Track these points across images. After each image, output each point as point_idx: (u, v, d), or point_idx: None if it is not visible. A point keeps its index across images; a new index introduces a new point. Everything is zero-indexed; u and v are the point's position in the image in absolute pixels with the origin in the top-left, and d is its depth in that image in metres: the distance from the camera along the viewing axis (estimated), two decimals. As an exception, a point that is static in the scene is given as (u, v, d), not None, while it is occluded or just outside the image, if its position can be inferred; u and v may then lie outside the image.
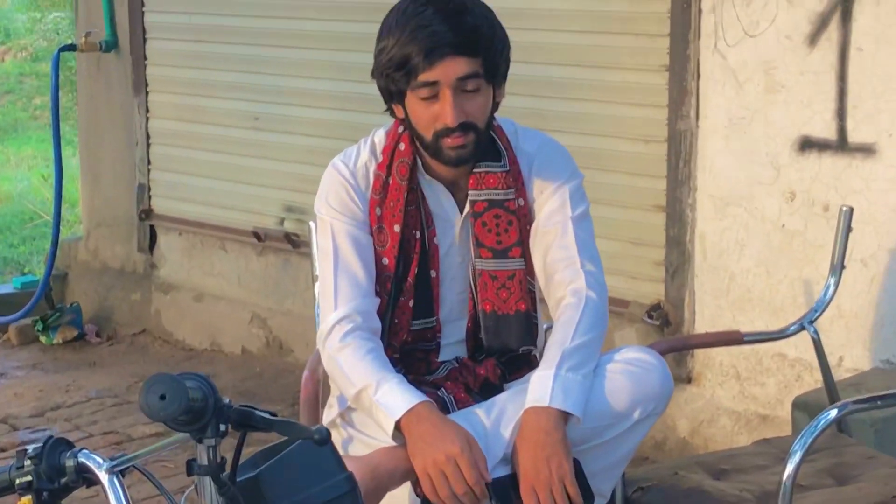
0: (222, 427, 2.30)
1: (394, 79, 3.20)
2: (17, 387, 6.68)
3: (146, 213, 7.31)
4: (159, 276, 7.38)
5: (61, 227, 7.59)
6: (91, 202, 7.74)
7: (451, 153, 3.23)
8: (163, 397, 2.22)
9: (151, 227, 7.34)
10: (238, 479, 2.36)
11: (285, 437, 2.42)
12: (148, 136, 7.24)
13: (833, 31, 4.68)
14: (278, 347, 6.78)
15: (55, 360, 7.14)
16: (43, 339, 7.40)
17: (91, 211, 7.74)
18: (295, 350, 6.67)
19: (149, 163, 7.27)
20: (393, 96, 3.27)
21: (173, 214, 7.20)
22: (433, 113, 3.19)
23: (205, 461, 2.33)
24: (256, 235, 6.74)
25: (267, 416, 2.31)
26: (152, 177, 7.28)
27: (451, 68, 3.14)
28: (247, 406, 2.33)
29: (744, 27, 4.88)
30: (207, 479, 2.34)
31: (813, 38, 4.73)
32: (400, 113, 3.29)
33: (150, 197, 7.30)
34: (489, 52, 3.20)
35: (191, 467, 2.35)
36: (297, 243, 6.54)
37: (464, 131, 3.20)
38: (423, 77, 3.15)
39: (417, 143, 3.30)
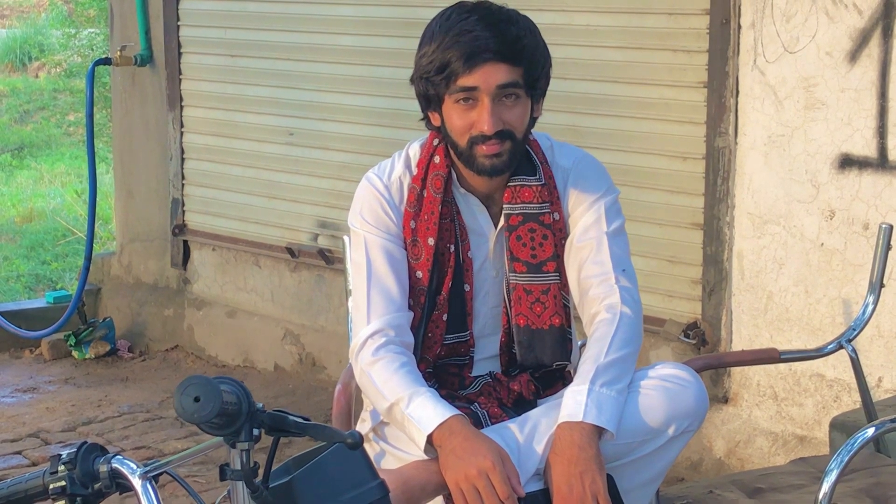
0: (256, 431, 2.29)
1: (433, 83, 3.18)
2: (49, 401, 6.70)
3: (180, 229, 7.32)
4: (192, 291, 7.38)
5: (94, 244, 7.60)
6: (125, 217, 7.75)
7: (485, 161, 3.19)
8: (197, 399, 2.21)
9: (185, 242, 7.36)
10: (271, 485, 2.35)
11: (319, 444, 2.41)
12: (182, 151, 7.26)
13: (874, 48, 4.65)
14: (311, 364, 6.77)
15: (87, 375, 7.16)
16: (75, 353, 7.42)
17: (124, 226, 7.76)
18: (328, 367, 6.66)
19: (183, 178, 7.29)
20: (430, 102, 3.24)
21: (207, 230, 7.21)
22: (470, 120, 3.17)
23: (238, 466, 2.32)
24: (290, 251, 6.74)
25: (300, 420, 2.30)
26: (186, 192, 7.30)
27: (492, 75, 3.12)
28: (280, 411, 2.32)
29: (783, 43, 4.85)
30: (240, 484, 2.33)
31: (854, 55, 4.70)
32: (436, 121, 3.26)
33: (183, 212, 7.31)
34: (531, 63, 3.18)
35: (224, 472, 2.34)
36: (330, 259, 6.54)
37: (500, 140, 3.17)
38: (463, 82, 3.13)
39: (452, 154, 3.28)
